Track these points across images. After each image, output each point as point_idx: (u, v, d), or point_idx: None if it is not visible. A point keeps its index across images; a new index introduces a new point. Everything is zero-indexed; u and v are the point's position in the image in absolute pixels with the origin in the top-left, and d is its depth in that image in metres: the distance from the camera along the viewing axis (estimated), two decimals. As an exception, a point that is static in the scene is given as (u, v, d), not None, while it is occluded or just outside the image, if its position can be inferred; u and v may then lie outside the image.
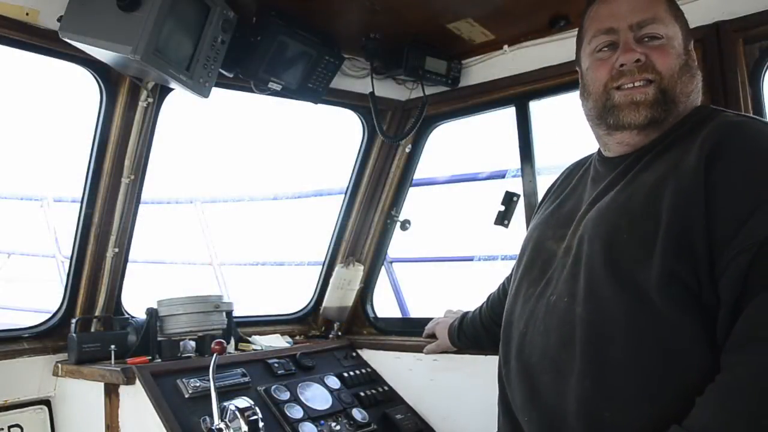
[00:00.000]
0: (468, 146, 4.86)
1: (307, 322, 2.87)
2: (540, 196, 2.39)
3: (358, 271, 2.82)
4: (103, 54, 1.78)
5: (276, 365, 2.27)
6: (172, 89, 2.09)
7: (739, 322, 1.16)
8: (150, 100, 2.08)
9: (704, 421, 1.15)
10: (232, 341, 2.36)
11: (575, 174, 1.64)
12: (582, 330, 1.32)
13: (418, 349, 2.43)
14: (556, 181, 1.75)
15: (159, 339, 2.16)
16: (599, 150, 1.56)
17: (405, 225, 2.81)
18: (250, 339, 2.49)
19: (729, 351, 1.17)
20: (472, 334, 2.13)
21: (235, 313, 2.37)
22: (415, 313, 4.40)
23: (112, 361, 2.09)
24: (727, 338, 1.18)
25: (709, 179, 1.22)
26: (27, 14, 1.78)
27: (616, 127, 1.42)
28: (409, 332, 2.67)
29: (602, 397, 1.27)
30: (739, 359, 1.15)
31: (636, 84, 1.38)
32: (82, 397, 2.11)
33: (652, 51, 1.38)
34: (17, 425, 2.10)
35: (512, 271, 1.66)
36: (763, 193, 1.18)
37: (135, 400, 1.94)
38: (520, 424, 1.45)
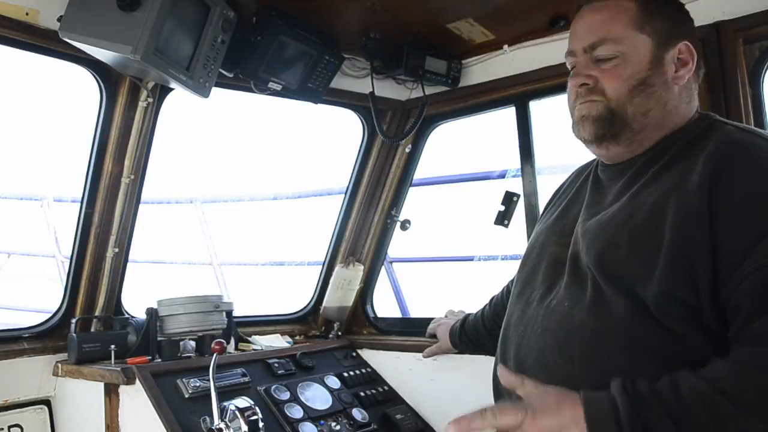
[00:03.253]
0: (468, 146, 4.86)
1: (307, 322, 2.87)
2: (540, 196, 2.41)
3: (358, 271, 2.82)
4: (103, 54, 1.78)
5: (276, 365, 2.27)
6: (172, 89, 2.09)
7: (761, 322, 1.13)
8: (150, 100, 2.08)
9: (719, 375, 1.13)
10: (232, 341, 2.36)
11: (579, 179, 1.64)
12: (580, 335, 1.32)
13: (418, 349, 2.43)
14: (562, 185, 1.75)
15: (159, 339, 2.16)
16: None
17: (405, 225, 2.81)
18: (250, 339, 2.49)
19: (749, 334, 1.15)
20: (474, 336, 2.12)
21: (235, 313, 2.37)
22: (415, 313, 4.40)
23: (112, 361, 2.09)
24: (742, 333, 1.16)
25: (714, 201, 1.21)
26: (27, 14, 1.77)
27: (582, 141, 1.46)
28: (409, 332, 2.67)
29: None
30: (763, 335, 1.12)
31: (589, 102, 1.41)
32: (82, 397, 2.11)
33: (603, 73, 1.39)
34: (17, 425, 2.10)
35: (516, 274, 1.66)
36: None
37: (135, 400, 1.94)
38: None
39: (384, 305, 3.25)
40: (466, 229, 5.68)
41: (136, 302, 2.34)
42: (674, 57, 1.40)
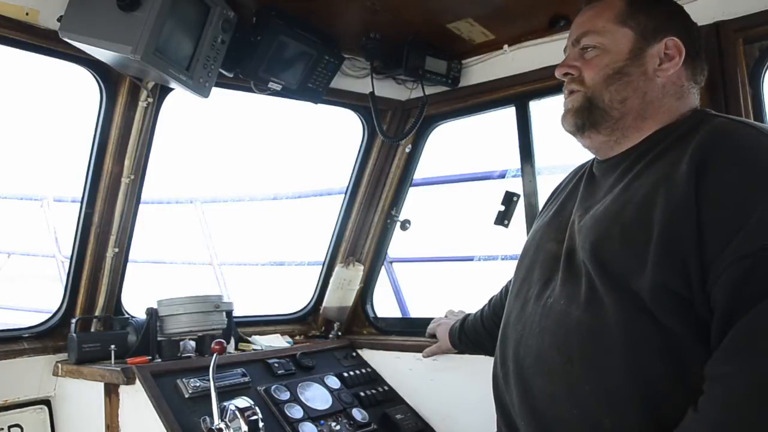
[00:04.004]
0: (468, 146, 4.86)
1: (307, 322, 2.87)
2: (540, 196, 2.41)
3: (358, 271, 2.82)
4: (103, 54, 1.78)
5: (276, 365, 2.27)
6: (172, 89, 2.09)
7: (733, 333, 1.15)
8: (150, 100, 2.08)
9: None
10: (232, 341, 2.36)
11: (575, 177, 1.65)
12: (578, 334, 1.32)
13: (418, 349, 2.43)
14: (559, 185, 1.76)
15: (159, 339, 2.16)
16: None
17: (405, 225, 2.81)
18: (250, 339, 2.49)
19: (722, 361, 1.16)
20: (473, 336, 2.12)
21: (235, 313, 2.37)
22: (415, 313, 4.40)
23: (112, 361, 2.09)
24: (718, 349, 1.17)
25: (700, 191, 1.21)
26: (27, 14, 1.78)
27: (569, 133, 1.53)
28: (409, 332, 2.67)
29: (602, 403, 1.27)
30: (733, 370, 1.14)
31: (571, 94, 1.49)
32: (82, 397, 2.11)
33: (584, 63, 1.47)
34: (17, 425, 2.10)
35: (514, 272, 1.66)
36: (753, 206, 1.17)
37: (135, 400, 1.95)
38: (518, 428, 1.45)
39: (384, 305, 3.25)
40: (466, 229, 5.68)
41: (136, 302, 2.34)
42: (660, 51, 1.42)
